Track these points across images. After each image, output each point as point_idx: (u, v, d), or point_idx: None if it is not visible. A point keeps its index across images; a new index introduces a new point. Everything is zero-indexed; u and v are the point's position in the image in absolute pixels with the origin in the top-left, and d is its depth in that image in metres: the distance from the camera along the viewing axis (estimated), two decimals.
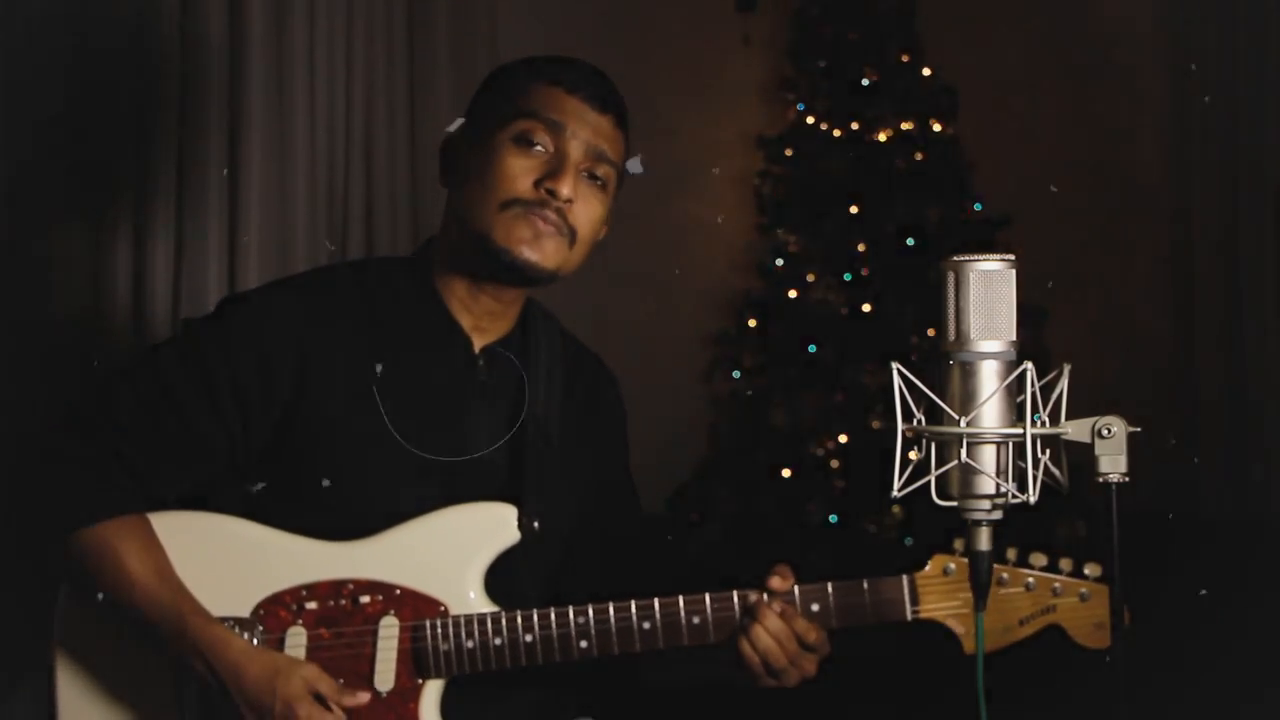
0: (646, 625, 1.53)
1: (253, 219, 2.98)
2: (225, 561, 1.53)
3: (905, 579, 1.54)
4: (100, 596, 1.49)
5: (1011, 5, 5.09)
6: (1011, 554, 1.54)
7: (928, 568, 1.54)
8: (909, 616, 1.55)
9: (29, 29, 2.50)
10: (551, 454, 1.66)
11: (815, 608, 1.54)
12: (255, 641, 1.49)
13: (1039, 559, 1.54)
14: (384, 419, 1.57)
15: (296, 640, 1.52)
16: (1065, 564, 1.54)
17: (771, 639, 1.51)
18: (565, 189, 1.55)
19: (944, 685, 1.66)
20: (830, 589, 1.55)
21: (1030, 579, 1.53)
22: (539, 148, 1.57)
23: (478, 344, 1.66)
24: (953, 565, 1.54)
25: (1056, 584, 1.54)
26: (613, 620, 1.53)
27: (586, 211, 1.59)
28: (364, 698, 1.49)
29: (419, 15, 3.71)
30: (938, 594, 1.54)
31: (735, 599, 1.54)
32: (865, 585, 1.54)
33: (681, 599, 1.54)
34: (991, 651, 1.49)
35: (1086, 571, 1.54)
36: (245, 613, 1.51)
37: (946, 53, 4.79)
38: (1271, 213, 4.52)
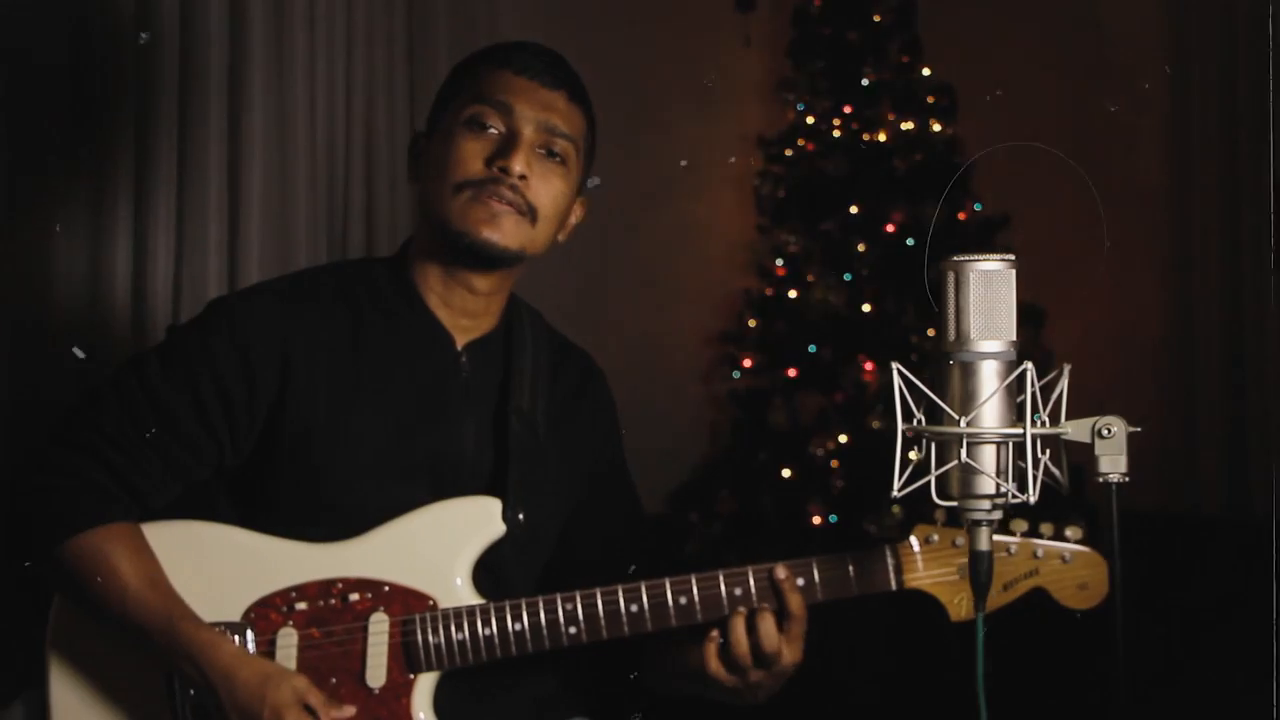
0: (634, 608, 1.53)
1: (253, 219, 2.98)
2: (214, 568, 1.54)
3: (888, 549, 1.56)
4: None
5: (1011, 5, 5.08)
6: None
7: (911, 538, 1.56)
8: (893, 586, 1.57)
9: (28, 29, 2.50)
10: (537, 447, 1.66)
11: (801, 582, 1.55)
12: (249, 644, 1.49)
13: (1019, 524, 1.57)
14: (368, 419, 1.57)
15: (288, 641, 1.52)
16: (1046, 529, 1.57)
17: (772, 627, 1.51)
18: (517, 165, 1.55)
19: (932, 657, 1.67)
20: (815, 563, 1.56)
21: (1012, 545, 1.56)
22: (491, 129, 1.57)
23: (460, 341, 1.66)
24: (935, 535, 1.57)
25: (1038, 548, 1.56)
26: (600, 605, 1.53)
27: (546, 189, 1.59)
28: (350, 711, 1.49)
29: (419, 15, 3.71)
30: (921, 564, 1.56)
31: (721, 579, 1.55)
32: (849, 558, 1.56)
33: (668, 580, 1.55)
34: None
35: (1068, 534, 1.56)
36: (236, 617, 1.51)
37: (946, 53, 4.78)
38: (1271, 213, 4.51)
